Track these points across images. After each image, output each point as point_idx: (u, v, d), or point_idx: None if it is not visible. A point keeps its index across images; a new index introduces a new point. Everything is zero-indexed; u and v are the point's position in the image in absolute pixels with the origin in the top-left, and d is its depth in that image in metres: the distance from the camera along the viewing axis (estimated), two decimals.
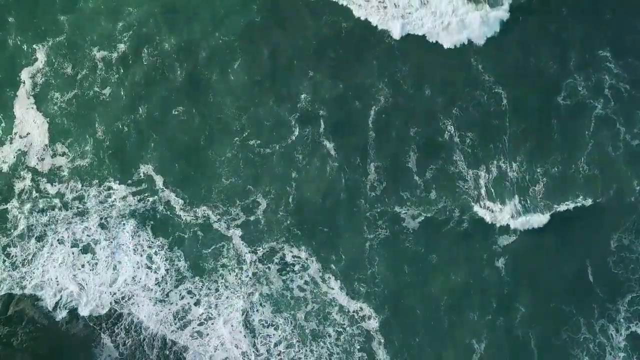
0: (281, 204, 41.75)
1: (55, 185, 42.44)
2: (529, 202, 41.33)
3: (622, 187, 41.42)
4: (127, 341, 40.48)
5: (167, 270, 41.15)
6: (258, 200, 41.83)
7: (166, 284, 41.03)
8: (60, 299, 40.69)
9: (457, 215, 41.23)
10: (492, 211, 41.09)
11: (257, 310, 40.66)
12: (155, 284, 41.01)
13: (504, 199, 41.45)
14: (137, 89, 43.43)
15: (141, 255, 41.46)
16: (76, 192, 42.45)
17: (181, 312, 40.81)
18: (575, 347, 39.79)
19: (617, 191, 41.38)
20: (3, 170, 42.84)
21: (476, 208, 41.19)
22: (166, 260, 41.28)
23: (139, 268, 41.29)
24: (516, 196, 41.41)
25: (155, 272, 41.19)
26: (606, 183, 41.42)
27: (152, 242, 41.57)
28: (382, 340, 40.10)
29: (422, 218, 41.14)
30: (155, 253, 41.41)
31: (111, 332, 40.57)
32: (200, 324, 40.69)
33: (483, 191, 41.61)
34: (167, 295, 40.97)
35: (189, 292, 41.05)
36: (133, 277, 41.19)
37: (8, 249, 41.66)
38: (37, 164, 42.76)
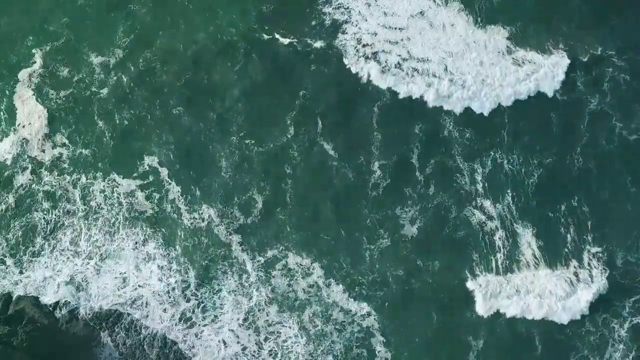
0: (281, 204, 41.75)
1: (57, 179, 42.53)
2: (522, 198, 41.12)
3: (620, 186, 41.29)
4: (127, 341, 40.33)
5: (173, 273, 41.09)
6: (258, 202, 41.82)
7: (173, 287, 40.88)
8: (61, 298, 40.69)
9: (452, 216, 40.99)
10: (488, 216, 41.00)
11: (262, 310, 40.47)
12: (162, 287, 40.89)
13: (497, 197, 41.33)
14: (136, 88, 43.76)
15: (146, 259, 41.52)
16: (80, 186, 42.59)
17: (187, 314, 40.62)
18: (577, 339, 39.39)
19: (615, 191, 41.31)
20: (6, 162, 43.02)
21: (471, 210, 41.08)
22: (171, 262, 41.31)
23: (144, 270, 41.30)
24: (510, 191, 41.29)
25: (163, 275, 41.15)
26: (602, 180, 41.33)
27: (158, 246, 41.55)
28: (383, 340, 39.79)
29: (421, 223, 40.87)
30: (161, 256, 41.44)
31: (111, 331, 40.42)
32: (205, 325, 40.50)
33: (480, 187, 41.41)
34: (174, 297, 40.78)
35: (194, 295, 40.85)
36: (140, 280, 41.11)
37: (8, 247, 41.78)
38: (38, 154, 42.93)
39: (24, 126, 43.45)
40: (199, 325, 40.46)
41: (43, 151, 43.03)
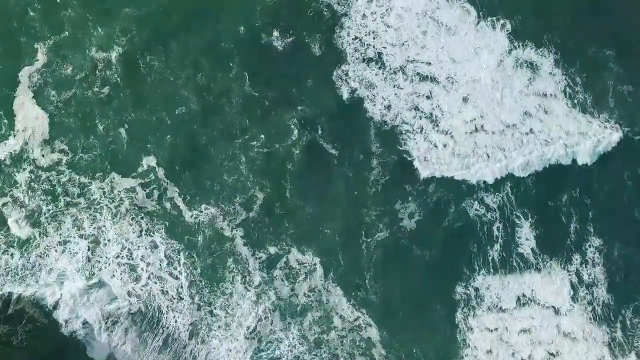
0: (281, 201, 41.75)
1: (57, 178, 42.15)
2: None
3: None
4: (127, 341, 40.23)
5: (174, 277, 40.93)
6: (258, 201, 41.79)
7: (174, 292, 40.74)
8: (61, 297, 40.34)
9: (451, 211, 41.08)
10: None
11: (266, 318, 40.35)
12: (164, 290, 40.79)
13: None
14: (137, 88, 43.57)
15: (153, 246, 41.31)
16: (79, 184, 42.25)
17: (189, 320, 40.53)
18: None
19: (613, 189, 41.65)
20: (6, 163, 42.62)
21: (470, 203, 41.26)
22: (179, 255, 41.17)
23: (152, 257, 41.07)
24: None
25: (173, 269, 40.97)
26: (601, 178, 41.61)
27: (162, 239, 41.34)
28: (383, 350, 39.74)
29: (419, 216, 40.96)
30: (167, 247, 41.28)
31: (111, 331, 40.23)
32: (209, 331, 40.38)
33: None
34: (176, 304, 40.69)
35: (198, 296, 40.67)
36: (150, 268, 40.87)
37: (9, 245, 41.35)
38: (38, 157, 42.56)
39: (23, 130, 43.13)
40: (208, 335, 40.34)
41: (42, 156, 42.71)
